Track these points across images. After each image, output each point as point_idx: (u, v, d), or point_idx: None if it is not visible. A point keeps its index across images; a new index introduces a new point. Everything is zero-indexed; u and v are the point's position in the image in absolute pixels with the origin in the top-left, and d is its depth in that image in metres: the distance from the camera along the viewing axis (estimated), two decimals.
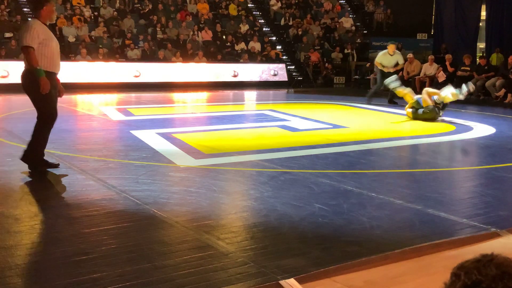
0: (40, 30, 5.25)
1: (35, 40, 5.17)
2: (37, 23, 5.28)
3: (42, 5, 5.32)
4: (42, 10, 5.32)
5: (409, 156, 7.00)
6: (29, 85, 5.28)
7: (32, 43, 5.16)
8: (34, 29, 5.19)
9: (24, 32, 5.19)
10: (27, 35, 5.15)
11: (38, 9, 5.33)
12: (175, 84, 16.49)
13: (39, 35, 5.21)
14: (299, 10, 21.89)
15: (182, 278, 3.00)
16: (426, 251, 3.42)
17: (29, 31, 5.18)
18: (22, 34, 5.23)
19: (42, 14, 5.34)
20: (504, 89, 13.80)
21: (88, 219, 4.00)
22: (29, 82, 5.26)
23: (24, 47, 5.17)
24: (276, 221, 4.04)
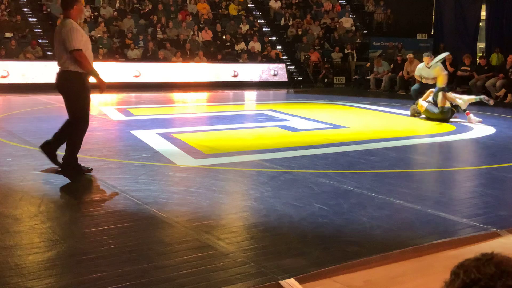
0: (81, 32, 5.15)
1: (81, 42, 5.06)
2: (75, 24, 5.16)
3: (72, 4, 5.19)
4: (73, 9, 5.19)
5: (409, 156, 7.00)
6: (68, 87, 5.17)
7: (80, 45, 5.04)
8: (77, 31, 5.07)
9: (71, 35, 5.02)
10: (74, 38, 5.02)
11: (69, 8, 5.20)
12: (175, 84, 16.49)
13: (82, 36, 5.11)
14: (299, 10, 21.89)
15: (182, 278, 3.00)
16: (426, 251, 3.43)
17: (73, 33, 5.03)
18: (68, 37, 5.03)
19: (73, 13, 5.21)
20: (504, 89, 13.80)
21: (88, 219, 4.01)
22: (68, 84, 5.16)
23: (75, 51, 5.02)
24: (276, 221, 4.04)
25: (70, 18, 5.18)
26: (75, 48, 5.02)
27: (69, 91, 5.22)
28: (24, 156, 6.21)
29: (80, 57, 5.04)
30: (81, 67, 5.08)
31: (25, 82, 14.91)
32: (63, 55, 5.11)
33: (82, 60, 5.05)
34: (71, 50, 5.03)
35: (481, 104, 10.58)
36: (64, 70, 5.17)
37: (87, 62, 5.08)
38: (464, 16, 18.33)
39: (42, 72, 15.17)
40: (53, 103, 11.87)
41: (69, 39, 5.02)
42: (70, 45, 5.02)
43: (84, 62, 5.06)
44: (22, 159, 6.07)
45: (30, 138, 7.36)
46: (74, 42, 5.02)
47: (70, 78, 5.15)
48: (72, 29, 5.06)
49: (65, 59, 5.12)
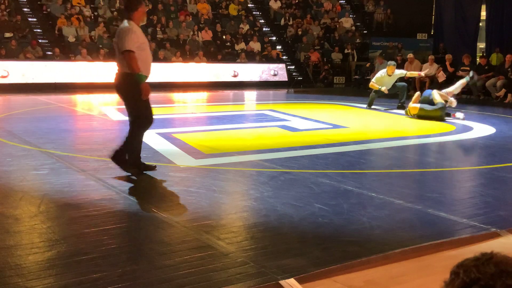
0: (139, 34, 5.12)
1: (135, 44, 5.03)
2: (135, 26, 5.14)
3: (136, 7, 5.18)
4: (137, 11, 5.18)
5: (409, 156, 7.00)
6: (125, 88, 5.15)
7: (133, 47, 5.01)
8: (134, 33, 5.04)
9: (125, 36, 5.02)
10: (128, 39, 5.00)
11: (132, 10, 5.17)
12: (175, 84, 16.48)
13: (138, 38, 5.08)
14: (299, 10, 21.89)
15: (182, 278, 3.00)
16: (426, 251, 3.43)
17: (129, 34, 5.02)
18: (122, 38, 5.04)
19: (136, 16, 5.19)
20: (505, 89, 13.80)
21: (88, 219, 4.00)
22: (125, 85, 5.13)
23: (126, 52, 5.00)
24: (276, 221, 4.04)
25: (132, 21, 5.15)
26: (127, 49, 4.99)
27: (127, 92, 5.17)
28: (24, 156, 6.21)
29: (129, 58, 4.99)
30: (128, 67, 5.03)
31: (25, 82, 14.91)
32: (120, 56, 5.11)
33: (130, 62, 5.00)
34: (122, 50, 5.02)
35: (479, 104, 10.57)
36: (122, 72, 5.15)
37: (135, 65, 5.00)
38: (464, 16, 18.32)
39: (42, 72, 15.18)
40: (53, 103, 11.87)
41: (123, 40, 5.01)
42: (123, 46, 5.01)
43: (131, 63, 4.99)
44: (22, 159, 6.07)
45: (30, 138, 7.36)
46: (126, 43, 4.99)
47: (128, 80, 5.10)
48: (128, 31, 5.04)
49: (121, 60, 5.11)
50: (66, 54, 16.33)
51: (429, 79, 15.27)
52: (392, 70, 11.48)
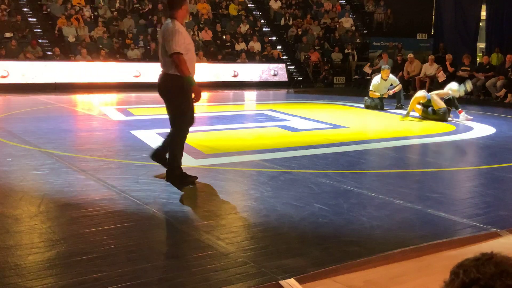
0: (185, 34, 4.93)
1: (182, 45, 4.84)
2: (180, 25, 4.95)
3: (180, 5, 4.98)
4: (180, 9, 4.99)
5: (409, 156, 7.00)
6: (169, 90, 5.00)
7: (181, 48, 4.82)
8: (180, 34, 4.86)
9: (172, 37, 4.81)
10: (175, 40, 4.80)
11: (176, 8, 4.98)
12: None
13: (185, 39, 4.89)
14: (299, 10, 21.89)
15: (182, 278, 3.00)
16: (426, 251, 3.43)
17: (176, 35, 4.82)
18: (169, 40, 4.82)
19: (180, 14, 5.00)
20: (505, 89, 13.80)
21: (88, 219, 4.00)
22: (170, 87, 4.98)
23: (174, 54, 4.81)
24: (276, 221, 4.04)
25: (175, 19, 4.96)
26: (175, 51, 4.81)
27: (170, 94, 5.02)
28: (24, 156, 6.21)
29: (179, 60, 4.81)
30: (178, 70, 4.86)
31: (25, 82, 14.91)
32: (165, 57, 4.95)
33: (180, 64, 4.82)
34: (170, 53, 4.84)
35: (479, 104, 10.56)
36: (166, 73, 5.00)
37: (184, 67, 4.83)
38: (464, 16, 18.32)
39: (42, 72, 15.18)
40: (53, 103, 11.87)
41: (170, 42, 4.82)
42: (170, 48, 4.82)
43: (181, 66, 4.82)
44: (22, 159, 6.07)
45: (30, 138, 7.36)
46: (174, 45, 4.80)
47: (171, 82, 4.95)
48: (175, 31, 4.84)
49: (167, 62, 4.94)
50: (66, 54, 16.33)
51: (429, 79, 15.27)
52: (386, 74, 11.51)
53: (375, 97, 11.57)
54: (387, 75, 11.50)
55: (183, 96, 4.96)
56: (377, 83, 11.55)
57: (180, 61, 4.82)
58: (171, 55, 4.84)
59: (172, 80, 4.95)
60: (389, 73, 11.56)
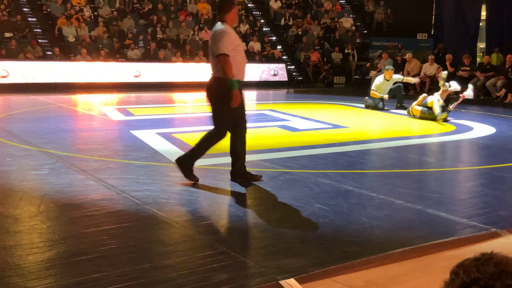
0: (233, 36, 4.90)
1: (229, 47, 4.79)
2: (229, 28, 4.92)
3: (229, 8, 4.94)
4: (230, 12, 4.95)
5: (409, 156, 6.99)
6: (215, 93, 4.94)
7: (228, 50, 4.77)
8: (229, 35, 4.81)
9: (220, 39, 4.77)
10: (223, 42, 4.76)
11: (226, 11, 4.94)
12: (175, 84, 16.49)
13: (233, 41, 4.84)
14: (299, 10, 21.89)
15: (182, 278, 2.99)
16: (426, 251, 3.43)
17: (224, 37, 4.78)
18: (217, 41, 4.79)
19: (229, 17, 4.96)
20: (505, 89, 13.80)
21: (88, 219, 4.00)
22: (216, 90, 4.92)
23: (220, 55, 4.76)
24: (276, 221, 4.04)
25: (225, 22, 4.93)
26: (221, 52, 4.76)
27: (217, 97, 4.96)
28: (24, 156, 6.21)
29: (224, 62, 4.75)
30: (222, 72, 4.80)
31: (25, 82, 14.91)
32: (214, 60, 4.91)
33: (225, 66, 4.75)
34: (217, 54, 4.79)
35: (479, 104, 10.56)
36: (215, 76, 4.94)
37: (228, 69, 4.76)
38: (464, 16, 18.33)
39: (42, 72, 15.18)
40: (53, 103, 11.87)
41: (218, 44, 4.78)
42: (218, 50, 4.78)
43: (226, 68, 4.75)
44: (22, 159, 6.07)
45: (30, 138, 7.36)
46: (221, 46, 4.76)
47: (220, 84, 4.88)
48: (223, 33, 4.81)
49: (215, 65, 4.90)
50: (66, 54, 16.33)
51: (429, 79, 15.27)
52: (390, 75, 11.46)
53: (376, 97, 11.55)
54: (390, 75, 11.46)
55: (228, 100, 4.84)
56: (380, 83, 11.52)
57: (225, 63, 4.76)
58: (217, 56, 4.79)
59: (220, 83, 4.87)
60: (392, 73, 11.51)
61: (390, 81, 11.55)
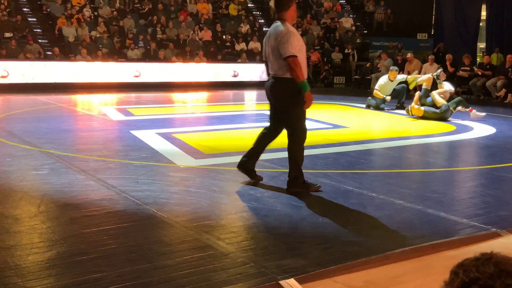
0: (298, 36, 4.74)
1: (296, 47, 4.63)
2: (291, 27, 4.74)
3: (288, 6, 4.77)
4: (289, 10, 4.78)
5: (409, 156, 6.99)
6: (283, 95, 4.78)
7: (295, 50, 4.61)
8: (295, 35, 4.66)
9: (287, 39, 4.61)
10: (291, 43, 4.60)
11: (285, 10, 4.77)
12: (175, 84, 16.49)
13: (298, 41, 4.69)
14: (299, 10, 21.88)
15: (182, 278, 2.99)
16: (426, 251, 3.42)
17: (291, 37, 4.62)
18: (283, 42, 4.61)
19: (289, 15, 4.80)
20: (505, 89, 13.80)
21: (88, 219, 4.00)
22: (284, 92, 4.76)
23: (290, 57, 4.59)
24: (276, 221, 4.04)
25: (285, 21, 4.77)
26: (290, 54, 4.59)
27: (284, 100, 4.79)
28: (24, 156, 6.21)
29: (294, 64, 4.58)
30: (292, 74, 4.63)
31: (25, 82, 14.91)
32: (277, 61, 4.72)
33: (296, 69, 4.59)
34: (285, 56, 4.61)
35: (479, 104, 10.55)
36: (278, 78, 4.76)
37: (300, 71, 4.61)
38: (464, 16, 18.32)
39: (42, 72, 15.18)
40: (53, 103, 11.87)
41: (285, 44, 4.60)
42: (286, 51, 4.60)
43: (297, 70, 4.60)
44: (22, 159, 6.07)
45: (30, 138, 7.36)
46: (290, 47, 4.59)
47: (286, 86, 4.72)
48: (289, 33, 4.64)
49: (280, 66, 4.72)
50: (66, 54, 16.33)
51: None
52: (394, 75, 11.44)
53: (379, 97, 11.53)
54: (394, 76, 11.44)
55: (298, 101, 4.74)
56: (384, 83, 11.49)
57: (295, 65, 4.60)
58: (285, 58, 4.62)
59: (287, 84, 4.72)
60: (396, 74, 11.49)
61: (394, 82, 11.54)
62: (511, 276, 1.08)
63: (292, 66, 4.60)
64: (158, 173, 5.52)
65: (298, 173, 4.88)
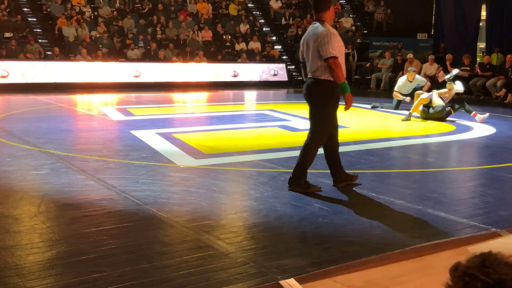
0: (338, 37, 4.70)
1: (337, 48, 4.61)
2: (332, 28, 4.71)
3: (327, 6, 4.73)
4: (328, 11, 4.75)
5: (409, 156, 6.99)
6: (319, 96, 4.76)
7: (336, 52, 4.59)
8: (335, 36, 4.63)
9: (328, 41, 4.58)
10: (332, 44, 4.58)
11: (324, 10, 4.73)
12: (175, 84, 16.49)
13: (338, 42, 4.66)
14: (299, 10, 21.89)
15: (182, 278, 2.99)
16: (426, 251, 3.42)
17: (333, 38, 4.59)
18: (325, 43, 4.58)
19: (328, 16, 4.76)
20: (505, 89, 13.80)
21: (88, 219, 4.00)
22: (320, 93, 4.74)
23: (331, 59, 4.56)
24: (276, 221, 4.04)
25: (324, 22, 4.73)
26: (332, 55, 4.56)
27: (318, 101, 4.78)
28: (24, 156, 6.21)
29: (335, 65, 4.57)
30: (333, 76, 4.61)
31: (25, 82, 14.92)
32: (316, 62, 4.68)
33: (336, 70, 4.57)
34: (326, 57, 4.58)
35: (479, 104, 10.54)
36: (316, 79, 4.73)
37: (340, 72, 4.59)
38: (464, 16, 18.33)
39: (42, 72, 15.19)
40: (53, 103, 11.88)
41: (327, 46, 4.58)
42: (327, 52, 4.57)
43: (338, 72, 4.58)
44: (22, 159, 6.07)
45: (30, 138, 7.36)
46: (331, 49, 4.56)
47: (323, 88, 4.72)
48: (330, 34, 4.60)
49: (318, 67, 4.68)
50: (66, 54, 16.33)
51: (429, 79, 15.25)
52: (412, 76, 11.35)
53: (397, 98, 11.45)
54: (412, 77, 11.35)
55: (333, 103, 4.75)
56: (402, 84, 11.40)
57: (336, 66, 4.58)
58: (326, 59, 4.59)
59: (324, 86, 4.71)
60: (414, 75, 11.39)
61: (413, 83, 11.38)
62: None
63: (333, 67, 4.58)
64: (158, 173, 5.52)
65: (302, 174, 4.87)
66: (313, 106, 4.88)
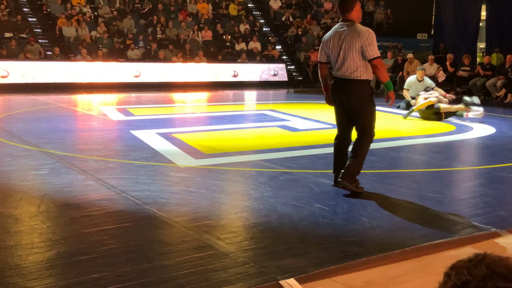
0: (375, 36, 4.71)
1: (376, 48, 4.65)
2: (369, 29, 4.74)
3: (352, 7, 4.73)
4: (353, 11, 4.74)
5: (409, 156, 7.00)
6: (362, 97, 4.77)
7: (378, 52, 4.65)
8: (374, 36, 4.67)
9: (372, 42, 4.61)
10: (375, 44, 4.62)
11: (349, 11, 4.73)
12: (175, 84, 16.49)
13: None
14: (299, 10, 21.89)
15: (182, 278, 3.00)
16: (426, 251, 3.43)
17: (374, 39, 4.63)
18: (367, 43, 4.59)
19: (355, 16, 4.77)
20: (505, 89, 13.80)
21: (88, 219, 4.00)
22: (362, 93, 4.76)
23: (376, 59, 4.60)
24: (276, 221, 4.04)
25: (354, 22, 4.74)
26: (377, 55, 4.61)
27: (363, 101, 4.79)
28: (24, 156, 6.21)
29: (380, 65, 4.64)
30: (378, 75, 4.69)
31: (25, 82, 14.92)
32: (356, 62, 4.66)
33: (382, 69, 4.67)
34: (373, 57, 4.60)
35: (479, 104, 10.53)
36: (355, 79, 4.71)
37: (385, 72, 4.70)
38: (464, 16, 18.33)
39: (42, 72, 15.18)
40: (53, 103, 11.88)
41: (371, 46, 4.60)
42: (373, 53, 4.59)
43: (383, 71, 4.68)
44: (22, 159, 6.07)
45: (30, 138, 7.36)
46: (376, 49, 4.61)
47: (365, 88, 4.76)
48: (372, 34, 4.65)
49: (358, 66, 4.66)
50: (66, 54, 16.33)
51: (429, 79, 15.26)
52: (421, 74, 11.26)
53: (405, 97, 11.40)
54: (421, 76, 11.26)
55: (373, 102, 4.84)
56: (411, 82, 11.33)
57: (382, 66, 4.66)
58: (373, 59, 4.61)
59: (364, 86, 4.76)
60: (423, 74, 11.30)
61: (422, 83, 11.26)
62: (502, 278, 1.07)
63: (379, 67, 4.64)
64: (158, 173, 5.52)
65: (358, 171, 4.85)
66: (357, 107, 4.85)
